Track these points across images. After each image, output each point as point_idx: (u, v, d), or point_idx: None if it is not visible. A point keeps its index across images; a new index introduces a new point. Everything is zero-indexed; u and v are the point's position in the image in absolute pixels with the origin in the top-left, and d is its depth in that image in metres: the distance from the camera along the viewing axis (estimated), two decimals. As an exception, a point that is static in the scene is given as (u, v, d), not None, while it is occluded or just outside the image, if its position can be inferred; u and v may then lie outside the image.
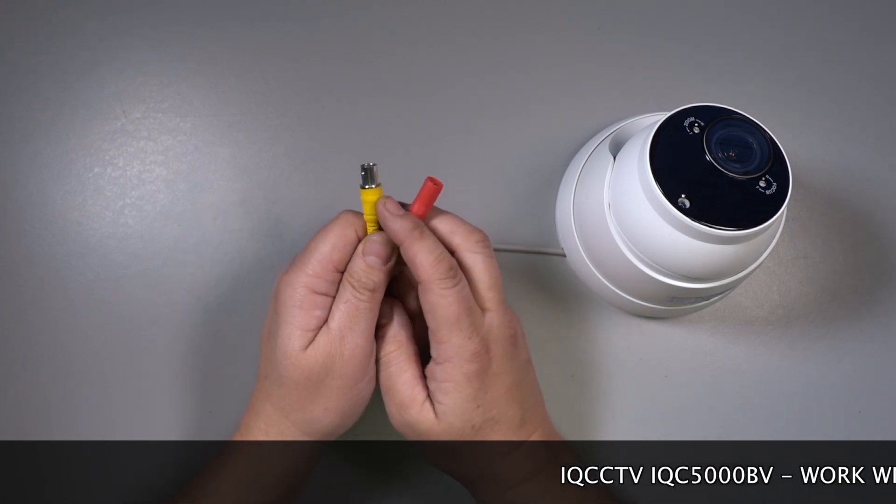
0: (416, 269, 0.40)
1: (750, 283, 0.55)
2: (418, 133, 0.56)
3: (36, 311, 0.51)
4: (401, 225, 0.40)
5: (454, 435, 0.41)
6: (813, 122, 0.58)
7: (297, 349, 0.41)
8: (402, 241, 0.40)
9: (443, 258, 0.40)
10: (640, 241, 0.45)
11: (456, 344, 0.40)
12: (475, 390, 0.41)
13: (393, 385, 0.42)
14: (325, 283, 0.41)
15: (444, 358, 0.40)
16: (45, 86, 0.55)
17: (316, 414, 0.42)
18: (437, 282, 0.39)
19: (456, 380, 0.40)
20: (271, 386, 0.43)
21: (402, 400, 0.42)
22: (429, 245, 0.40)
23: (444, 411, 0.41)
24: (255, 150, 0.55)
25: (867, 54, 0.60)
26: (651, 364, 0.53)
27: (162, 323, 0.52)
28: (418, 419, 0.41)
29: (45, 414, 0.50)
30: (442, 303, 0.40)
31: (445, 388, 0.41)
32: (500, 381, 0.42)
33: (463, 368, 0.40)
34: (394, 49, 0.57)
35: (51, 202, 0.53)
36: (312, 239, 0.42)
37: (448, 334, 0.40)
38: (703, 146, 0.43)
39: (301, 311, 0.41)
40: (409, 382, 0.42)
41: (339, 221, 0.42)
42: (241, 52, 0.56)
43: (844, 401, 0.54)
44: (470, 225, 0.43)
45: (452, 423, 0.41)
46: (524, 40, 0.58)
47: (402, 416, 0.42)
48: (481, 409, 0.41)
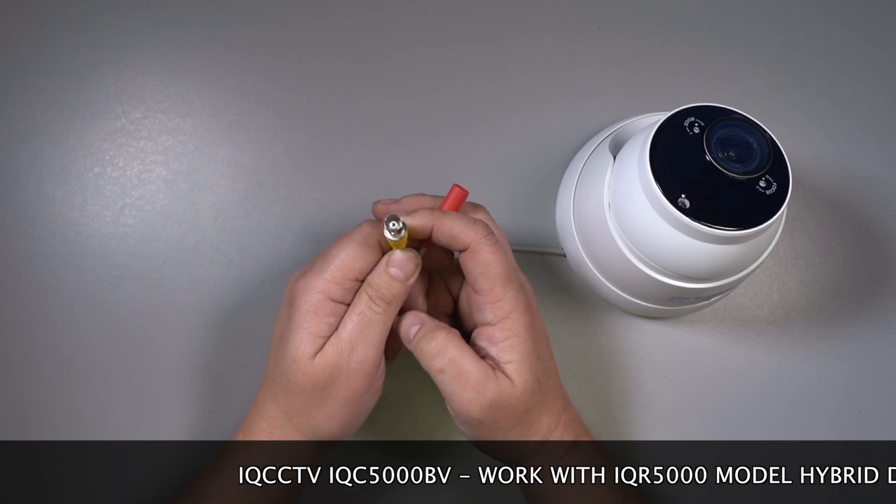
0: (458, 238, 0.41)
1: (750, 283, 0.55)
2: (418, 133, 0.56)
3: (36, 311, 0.51)
4: (422, 214, 0.41)
5: (529, 392, 0.41)
6: (813, 122, 0.58)
7: (306, 355, 0.41)
8: (431, 225, 0.41)
9: (476, 223, 0.41)
10: (640, 241, 0.45)
11: (512, 297, 0.41)
12: (533, 341, 0.42)
13: (461, 369, 0.41)
14: (342, 290, 0.41)
15: (503, 314, 0.41)
16: (45, 86, 0.55)
17: (319, 421, 0.42)
18: (483, 241, 0.41)
19: (518, 333, 0.41)
20: (278, 389, 0.43)
21: (476, 379, 0.41)
22: (457, 216, 0.41)
23: (516, 369, 0.41)
24: (255, 150, 0.55)
25: (867, 54, 0.60)
26: (651, 364, 0.53)
27: (162, 323, 0.52)
28: (500, 390, 0.41)
29: (45, 414, 0.50)
30: (494, 260, 0.41)
31: (511, 344, 0.41)
32: (542, 333, 0.43)
33: (522, 320, 0.41)
34: (394, 49, 0.57)
35: (51, 202, 0.53)
36: (334, 245, 0.42)
37: (504, 290, 0.41)
38: (703, 146, 0.43)
39: (315, 316, 0.41)
40: (474, 361, 0.41)
41: (361, 230, 0.42)
42: (241, 52, 0.56)
43: (844, 401, 0.54)
44: (467, 217, 0.43)
45: (526, 379, 0.41)
46: (524, 40, 0.58)
47: (485, 396, 0.41)
48: (540, 359, 0.42)
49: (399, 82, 0.57)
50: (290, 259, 0.53)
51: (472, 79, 0.57)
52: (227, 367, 0.51)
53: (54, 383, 0.51)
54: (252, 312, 0.52)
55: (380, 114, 0.56)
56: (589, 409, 0.52)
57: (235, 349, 0.51)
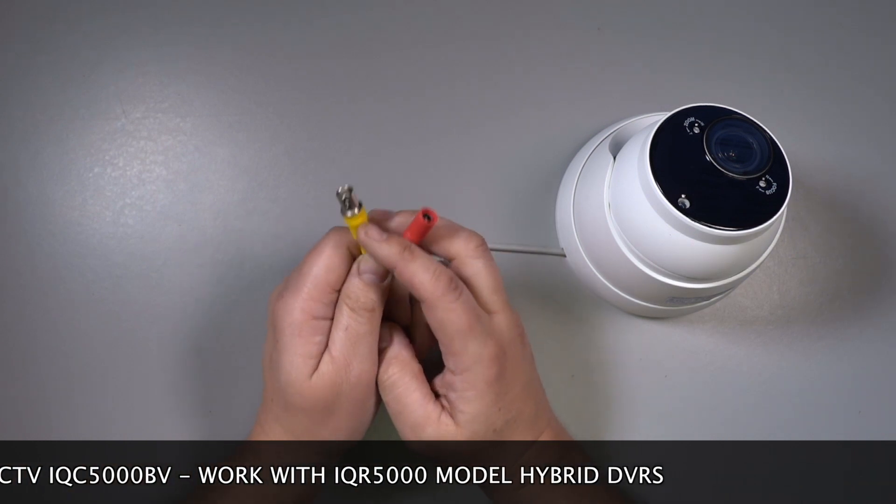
0: (415, 289, 0.39)
1: (750, 283, 0.55)
2: (418, 133, 0.56)
3: (36, 311, 0.51)
4: (388, 250, 0.38)
5: (477, 442, 0.41)
6: (813, 122, 0.58)
7: (302, 377, 0.40)
8: (394, 266, 0.38)
9: (441, 273, 0.38)
10: (640, 241, 0.45)
11: (473, 352, 0.39)
12: (496, 394, 0.40)
13: (404, 407, 0.41)
14: (322, 305, 0.40)
15: (463, 367, 0.39)
16: (45, 86, 0.55)
17: (325, 435, 0.42)
18: (441, 298, 0.38)
19: (478, 387, 0.40)
20: (279, 410, 0.42)
21: (415, 420, 0.41)
22: (423, 263, 0.38)
23: (468, 420, 0.40)
24: (255, 150, 0.55)
25: (867, 54, 0.60)
26: (651, 364, 0.53)
27: (162, 323, 0.51)
28: (438, 434, 0.40)
29: (45, 414, 0.50)
30: (451, 317, 0.38)
31: (468, 397, 0.40)
32: (517, 380, 0.41)
33: (483, 375, 0.39)
34: (394, 49, 0.57)
35: (51, 202, 0.53)
36: (304, 261, 0.41)
37: (463, 345, 0.39)
38: (703, 146, 0.43)
39: (300, 338, 0.40)
40: (419, 402, 0.41)
41: (328, 240, 0.41)
42: (241, 52, 0.56)
43: (844, 401, 0.54)
44: (465, 229, 0.42)
45: (476, 430, 0.40)
46: (524, 40, 0.58)
47: (419, 436, 0.41)
48: (503, 411, 0.41)
49: (399, 82, 0.57)
50: (291, 259, 0.53)
51: (472, 79, 0.57)
52: (227, 367, 0.51)
53: (54, 383, 0.51)
54: (252, 313, 0.52)
55: (380, 114, 0.56)
56: (588, 409, 0.52)
57: (235, 349, 0.51)
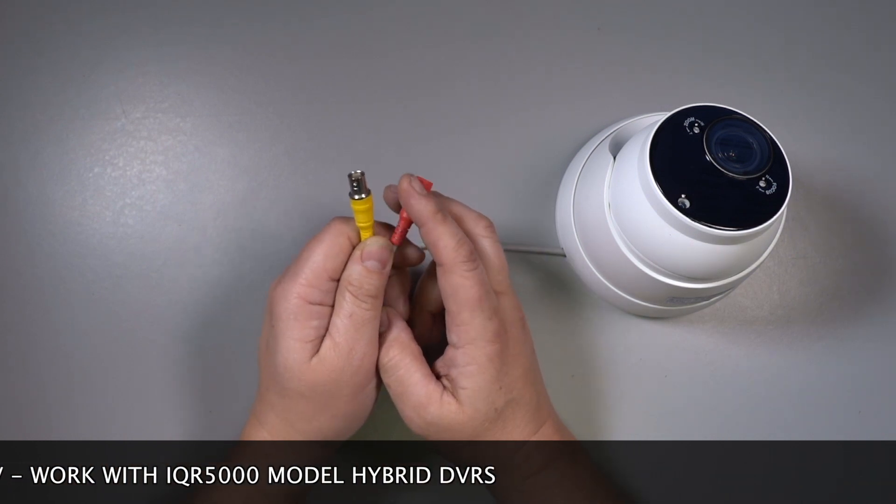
0: (438, 252, 0.40)
1: (750, 283, 0.55)
2: (418, 132, 0.56)
3: (36, 311, 0.51)
4: (424, 206, 0.40)
5: (479, 420, 0.41)
6: (813, 122, 0.58)
7: (299, 361, 0.40)
8: (425, 223, 0.40)
9: (464, 242, 0.40)
10: (640, 241, 0.45)
11: (479, 325, 0.40)
12: (497, 371, 0.41)
13: (406, 389, 0.42)
14: (319, 292, 0.41)
15: (467, 340, 0.40)
16: (45, 86, 0.55)
17: (322, 422, 0.42)
18: (460, 265, 0.40)
19: (479, 361, 0.40)
20: (274, 398, 0.42)
21: (418, 401, 0.41)
22: (451, 229, 0.40)
23: (469, 396, 0.41)
24: (255, 150, 0.55)
25: (867, 54, 0.60)
26: (651, 364, 0.53)
27: (162, 323, 0.52)
28: (441, 414, 0.41)
29: (45, 414, 0.50)
30: (465, 284, 0.40)
31: (469, 371, 0.41)
32: (518, 362, 0.42)
33: (486, 349, 0.40)
34: (394, 49, 0.57)
35: (51, 202, 0.53)
36: (304, 248, 0.42)
37: (471, 316, 0.40)
38: (703, 146, 0.43)
39: (297, 322, 0.40)
40: (421, 382, 0.41)
41: (330, 229, 0.42)
42: (241, 52, 0.56)
43: (844, 401, 0.54)
44: (475, 211, 0.43)
45: (478, 408, 0.41)
46: (524, 40, 0.58)
47: (423, 417, 0.41)
48: (503, 390, 0.41)
49: (399, 82, 0.57)
50: (290, 259, 0.53)
51: (472, 79, 0.57)
52: (227, 367, 0.51)
53: (54, 383, 0.51)
54: (252, 313, 0.52)
55: (380, 114, 0.56)
56: (588, 408, 0.52)
57: (235, 349, 0.51)
